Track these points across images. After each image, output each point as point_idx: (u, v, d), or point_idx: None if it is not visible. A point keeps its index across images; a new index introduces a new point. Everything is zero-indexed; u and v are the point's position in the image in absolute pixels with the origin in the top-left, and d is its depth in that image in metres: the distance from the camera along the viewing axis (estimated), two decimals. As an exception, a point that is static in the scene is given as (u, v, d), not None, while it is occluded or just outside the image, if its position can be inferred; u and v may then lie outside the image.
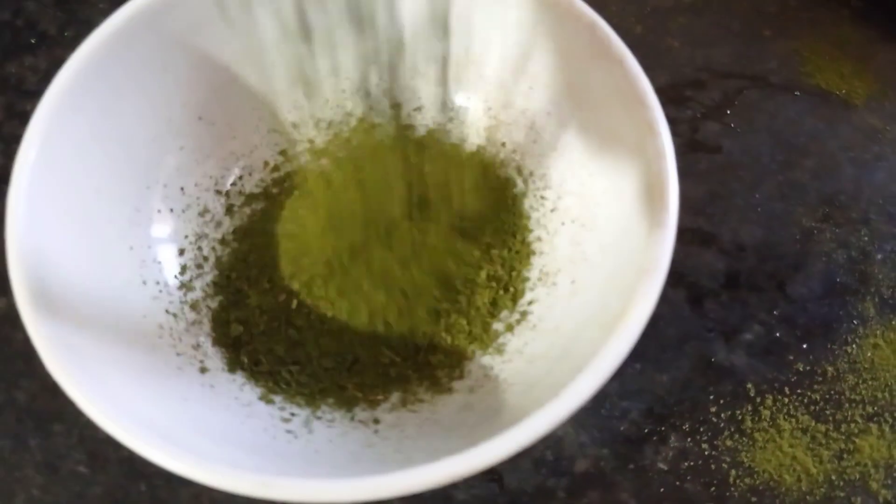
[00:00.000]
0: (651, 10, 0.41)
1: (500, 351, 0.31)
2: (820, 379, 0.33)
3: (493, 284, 0.32)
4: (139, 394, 0.27)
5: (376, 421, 0.30)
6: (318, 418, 0.30)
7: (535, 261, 0.33)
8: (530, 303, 0.32)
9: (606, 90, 0.30)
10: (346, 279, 0.31)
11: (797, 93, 0.39)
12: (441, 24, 0.34)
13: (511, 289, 0.32)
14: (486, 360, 0.31)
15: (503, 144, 0.35)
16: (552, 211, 0.33)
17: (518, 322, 0.31)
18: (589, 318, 0.29)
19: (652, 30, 0.40)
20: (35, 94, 0.30)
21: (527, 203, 0.34)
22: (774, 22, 0.41)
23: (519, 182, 0.35)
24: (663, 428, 0.32)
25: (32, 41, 0.41)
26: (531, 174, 0.34)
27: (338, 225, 0.32)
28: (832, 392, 0.33)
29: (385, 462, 0.28)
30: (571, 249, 0.32)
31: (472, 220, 0.33)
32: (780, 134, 0.38)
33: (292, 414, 0.30)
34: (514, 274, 0.32)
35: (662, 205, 0.27)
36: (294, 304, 0.32)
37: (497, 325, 0.31)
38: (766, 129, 0.38)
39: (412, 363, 0.31)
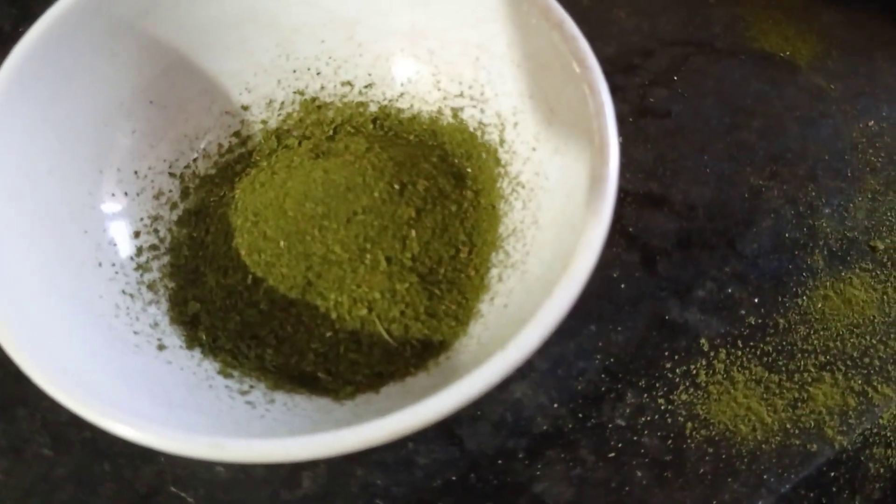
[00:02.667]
0: (598, -18, 0.42)
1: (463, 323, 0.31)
2: (772, 331, 0.34)
3: (463, 261, 0.32)
4: (96, 370, 0.28)
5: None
6: (279, 389, 0.30)
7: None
8: (489, 271, 0.32)
9: (549, 55, 0.31)
10: (311, 259, 0.31)
11: (742, 57, 0.40)
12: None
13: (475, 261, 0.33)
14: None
15: (454, 115, 0.36)
16: (504, 177, 0.34)
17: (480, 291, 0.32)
18: (538, 279, 0.29)
19: (599, 2, 0.41)
20: (-15, 84, 0.30)
21: (482, 173, 0.34)
22: (719, -11, 0.42)
23: (475, 152, 0.35)
24: (620, 385, 0.33)
25: (-15, 37, 0.42)
26: (484, 143, 0.35)
27: (298, 204, 0.32)
28: (784, 343, 0.33)
29: (343, 426, 0.28)
30: (523, 214, 0.33)
31: (433, 196, 0.33)
32: (727, 97, 0.39)
33: (251, 386, 0.30)
34: (475, 248, 0.33)
35: (603, 159, 0.28)
36: (250, 280, 0.32)
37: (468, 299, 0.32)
38: (713, 92, 0.39)
39: (390, 358, 0.31)
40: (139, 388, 0.28)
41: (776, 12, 0.41)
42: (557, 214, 0.30)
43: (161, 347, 0.31)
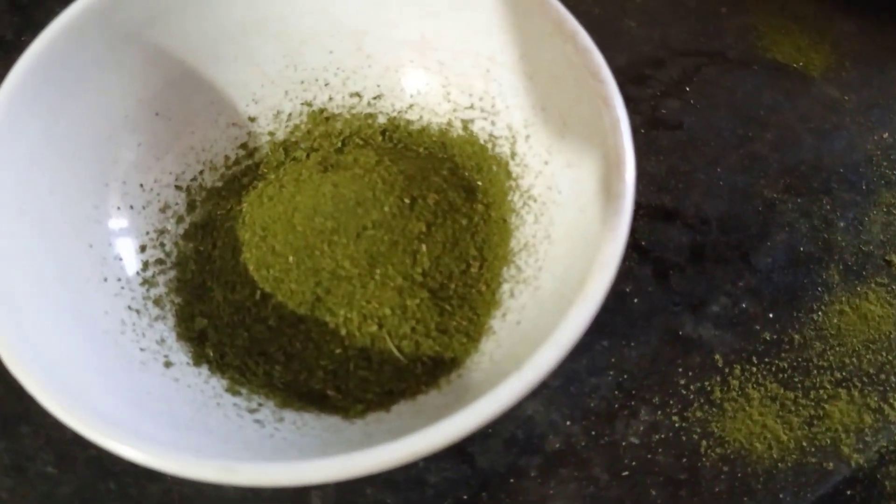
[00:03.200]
0: (608, -9, 0.41)
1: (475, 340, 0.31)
2: (787, 347, 0.33)
3: (474, 276, 0.32)
4: (101, 389, 0.27)
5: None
6: (287, 407, 0.30)
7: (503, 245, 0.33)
8: (500, 286, 0.32)
9: (562, 68, 0.30)
10: (320, 275, 0.31)
11: (755, 67, 0.39)
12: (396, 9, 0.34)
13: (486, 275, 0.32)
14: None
15: (464, 127, 0.35)
16: (515, 190, 0.33)
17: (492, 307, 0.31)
18: (552, 295, 0.29)
19: (609, 11, 0.41)
20: (-11, 97, 0.30)
21: (493, 186, 0.34)
22: (730, -1, 0.41)
23: (486, 165, 0.35)
24: (633, 402, 0.32)
25: (-12, 46, 0.41)
26: (495, 156, 0.34)
27: (307, 218, 0.32)
28: (800, 360, 0.33)
29: (354, 446, 0.28)
30: (535, 228, 0.32)
31: (445, 212, 0.32)
32: (740, 108, 0.38)
33: (259, 404, 0.30)
34: (486, 263, 0.32)
35: (619, 175, 0.27)
36: (258, 295, 0.31)
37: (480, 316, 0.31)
38: (725, 103, 0.38)
39: (401, 375, 0.30)
40: (146, 407, 0.28)
41: (789, 22, 0.41)
42: (570, 229, 0.30)
43: (168, 364, 0.30)
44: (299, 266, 0.31)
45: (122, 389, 0.28)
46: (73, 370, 0.27)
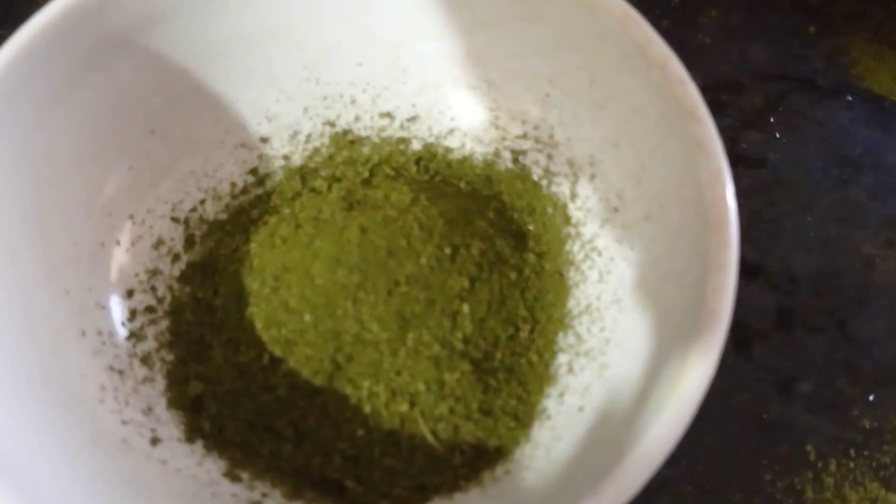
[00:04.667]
0: (679, 2, 0.36)
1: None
2: (889, 438, 0.28)
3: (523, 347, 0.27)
4: (68, 481, 0.22)
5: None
6: (298, 500, 0.25)
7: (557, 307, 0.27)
8: (555, 356, 0.26)
9: (644, 99, 0.25)
10: (341, 339, 0.26)
11: (848, 97, 0.34)
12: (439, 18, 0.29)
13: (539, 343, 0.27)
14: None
15: (514, 159, 0.30)
16: (575, 239, 0.28)
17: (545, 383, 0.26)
18: (625, 381, 0.24)
19: (680, 24, 0.35)
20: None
21: (547, 232, 0.29)
22: (818, 16, 0.36)
23: (539, 206, 0.29)
24: (709, 500, 0.27)
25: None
26: (550, 195, 0.29)
27: (329, 269, 0.26)
28: (906, 454, 0.28)
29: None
30: (600, 289, 0.27)
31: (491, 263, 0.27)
32: (832, 145, 0.33)
33: (264, 494, 0.25)
34: (539, 326, 0.27)
35: (721, 241, 0.22)
36: (266, 358, 0.26)
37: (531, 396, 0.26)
38: (815, 139, 0.33)
39: (436, 466, 0.25)
40: (124, 505, 0.22)
41: (884, 48, 0.35)
42: (649, 299, 0.25)
43: (154, 441, 0.25)
44: (317, 326, 0.26)
45: (96, 480, 0.23)
46: (37, 460, 0.22)
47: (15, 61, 0.25)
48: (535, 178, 0.29)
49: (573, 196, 0.28)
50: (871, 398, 0.29)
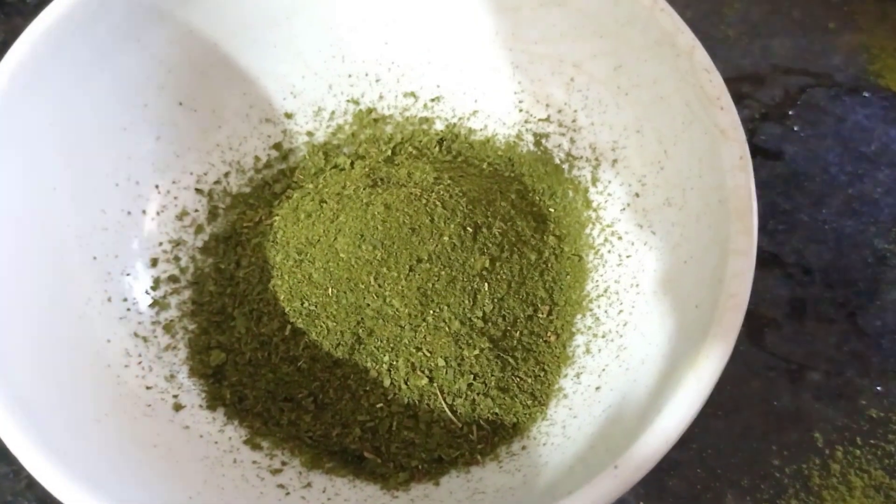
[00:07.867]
0: (702, -7, 0.36)
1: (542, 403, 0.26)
2: (895, 427, 0.29)
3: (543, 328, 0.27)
4: (97, 444, 0.22)
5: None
6: (317, 468, 0.25)
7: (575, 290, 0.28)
8: (572, 337, 0.27)
9: (669, 87, 0.25)
10: (363, 312, 0.26)
11: (865, 94, 0.34)
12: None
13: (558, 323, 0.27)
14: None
15: (536, 142, 0.30)
16: (595, 223, 0.28)
17: (563, 362, 0.26)
18: (643, 362, 0.24)
19: (704, 15, 0.35)
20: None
21: (568, 216, 0.29)
22: (839, 12, 0.36)
23: (560, 189, 0.30)
24: (718, 484, 0.27)
25: (-11, 7, 0.36)
26: (572, 179, 0.29)
27: (353, 244, 0.26)
28: (912, 444, 0.28)
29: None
30: (619, 272, 0.27)
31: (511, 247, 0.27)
32: (849, 140, 0.33)
33: (283, 462, 0.25)
34: (557, 308, 0.27)
35: (742, 227, 0.22)
36: (288, 330, 0.26)
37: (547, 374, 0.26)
38: (832, 133, 0.33)
39: (453, 440, 0.25)
40: (150, 468, 0.23)
41: (904, 44, 0.35)
42: (668, 282, 0.25)
43: (177, 407, 0.26)
44: (339, 300, 0.26)
45: (123, 441, 0.23)
46: (68, 420, 0.22)
47: (51, 29, 0.25)
48: (557, 161, 0.30)
49: (594, 180, 0.29)
50: (878, 389, 0.29)
